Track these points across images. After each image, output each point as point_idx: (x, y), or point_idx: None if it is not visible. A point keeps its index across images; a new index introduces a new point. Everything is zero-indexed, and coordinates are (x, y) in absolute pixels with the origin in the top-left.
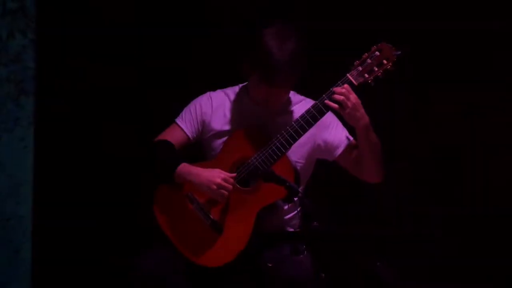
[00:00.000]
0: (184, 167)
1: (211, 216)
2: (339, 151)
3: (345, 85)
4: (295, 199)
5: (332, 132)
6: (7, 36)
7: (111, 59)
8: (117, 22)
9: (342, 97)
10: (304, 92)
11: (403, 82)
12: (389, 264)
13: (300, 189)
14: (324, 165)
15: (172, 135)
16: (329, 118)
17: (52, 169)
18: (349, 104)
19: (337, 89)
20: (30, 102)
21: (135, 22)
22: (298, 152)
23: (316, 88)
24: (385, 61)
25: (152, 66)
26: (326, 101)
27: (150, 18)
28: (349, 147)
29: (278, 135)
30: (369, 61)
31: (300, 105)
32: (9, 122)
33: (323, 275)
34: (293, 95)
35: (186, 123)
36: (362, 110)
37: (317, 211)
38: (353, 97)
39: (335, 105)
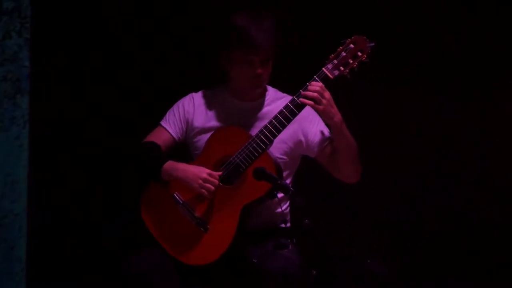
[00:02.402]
0: (170, 164)
1: (196, 215)
2: (317, 147)
3: (319, 82)
4: (280, 195)
5: (313, 129)
6: (3, 36)
7: (106, 58)
8: (113, 19)
9: (315, 94)
10: (281, 88)
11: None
12: (383, 261)
13: (288, 185)
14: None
15: (157, 137)
16: (310, 114)
17: (46, 167)
18: (323, 101)
19: (311, 86)
20: (25, 101)
21: (129, 18)
22: (280, 148)
23: (294, 84)
24: (359, 53)
25: (143, 67)
26: (301, 99)
27: (144, 17)
28: (325, 143)
29: (258, 132)
30: (343, 54)
31: (282, 101)
32: (5, 120)
33: (314, 272)
34: (275, 92)
35: (170, 124)
36: (335, 107)
37: (309, 208)
38: (327, 94)
39: (310, 102)
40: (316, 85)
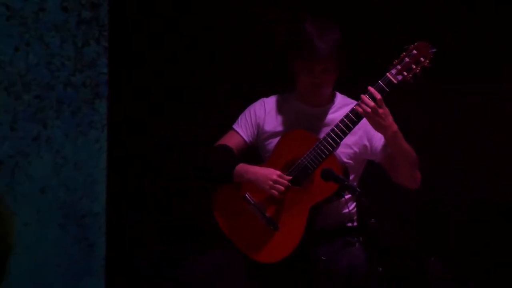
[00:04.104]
0: (242, 167)
1: (267, 214)
2: (381, 152)
3: (370, 101)
4: (347, 196)
5: (377, 135)
6: (82, 44)
7: (181, 64)
8: (185, 26)
9: (368, 109)
10: (348, 94)
11: None
12: (441, 261)
13: (355, 186)
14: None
15: (230, 140)
16: None
17: (124, 169)
18: (376, 114)
19: (365, 99)
20: (103, 106)
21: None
22: (346, 153)
23: (361, 89)
24: (422, 59)
25: (216, 72)
26: (356, 107)
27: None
28: (389, 149)
29: (326, 135)
30: (407, 59)
31: (349, 107)
32: (85, 125)
33: (380, 269)
34: (343, 98)
35: (242, 128)
36: (390, 119)
37: (374, 208)
38: (381, 109)
39: (364, 114)
40: (368, 102)
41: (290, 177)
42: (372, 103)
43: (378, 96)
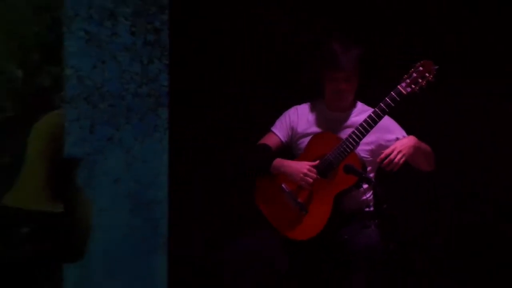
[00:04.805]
0: (278, 161)
1: (299, 201)
2: None
3: (387, 162)
4: (365, 186)
5: (392, 136)
6: (147, 62)
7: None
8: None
9: (393, 161)
10: (366, 102)
11: None
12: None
13: (371, 178)
14: None
15: (269, 140)
16: (389, 122)
17: (182, 164)
18: (399, 154)
19: (387, 152)
20: (165, 113)
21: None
22: (365, 150)
23: (377, 98)
24: (427, 74)
25: (258, 85)
26: (384, 163)
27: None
28: None
29: (348, 136)
30: (414, 74)
31: (367, 113)
32: (150, 128)
33: (392, 245)
34: (362, 106)
35: (279, 130)
36: (405, 142)
37: (387, 196)
38: (398, 154)
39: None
40: (390, 163)
41: (318, 170)
42: (393, 160)
43: (389, 155)
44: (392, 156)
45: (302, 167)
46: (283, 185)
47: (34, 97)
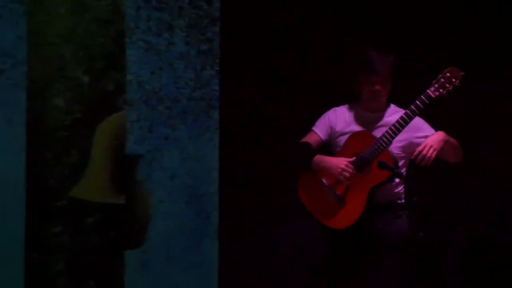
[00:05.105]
0: (319, 157)
1: (337, 193)
2: None
3: (421, 159)
4: (396, 180)
5: (421, 134)
6: (200, 68)
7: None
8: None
9: (429, 155)
10: (398, 104)
11: None
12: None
13: (402, 172)
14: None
15: (310, 138)
16: (419, 121)
17: (232, 160)
18: (431, 150)
19: (419, 149)
20: (216, 114)
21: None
22: (397, 147)
23: (409, 101)
24: (454, 80)
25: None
26: (418, 158)
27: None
28: None
29: (381, 135)
30: (442, 80)
31: (399, 114)
32: (203, 128)
33: (421, 234)
34: (394, 108)
35: (320, 129)
36: (435, 138)
37: (418, 189)
38: (429, 149)
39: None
40: (423, 157)
41: (354, 166)
42: (426, 155)
43: (423, 152)
44: (424, 152)
45: (340, 162)
46: (323, 180)
47: (99, 100)
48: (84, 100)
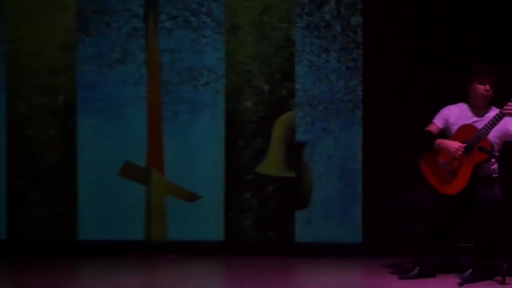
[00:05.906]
0: (439, 140)
1: (451, 168)
2: None
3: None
4: (492, 160)
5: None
6: (348, 79)
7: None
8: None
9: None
10: (495, 105)
11: None
12: None
13: (496, 155)
14: None
15: (431, 127)
16: (510, 119)
17: (373, 146)
18: None
19: (510, 104)
20: (359, 114)
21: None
22: (495, 136)
23: (503, 102)
24: None
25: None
26: (505, 111)
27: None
28: None
29: (483, 127)
30: None
31: (496, 111)
32: (350, 123)
33: (511, 199)
34: (494, 108)
35: (438, 121)
36: None
37: (507, 166)
38: None
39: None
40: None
41: (464, 147)
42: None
43: None
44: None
45: (455, 144)
46: (439, 160)
47: (276, 103)
48: (265, 103)
